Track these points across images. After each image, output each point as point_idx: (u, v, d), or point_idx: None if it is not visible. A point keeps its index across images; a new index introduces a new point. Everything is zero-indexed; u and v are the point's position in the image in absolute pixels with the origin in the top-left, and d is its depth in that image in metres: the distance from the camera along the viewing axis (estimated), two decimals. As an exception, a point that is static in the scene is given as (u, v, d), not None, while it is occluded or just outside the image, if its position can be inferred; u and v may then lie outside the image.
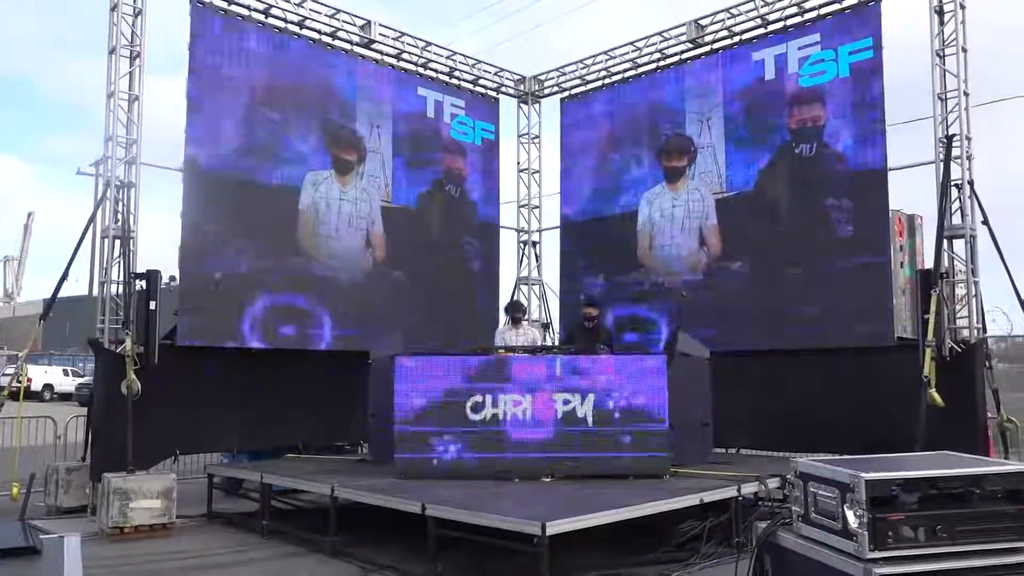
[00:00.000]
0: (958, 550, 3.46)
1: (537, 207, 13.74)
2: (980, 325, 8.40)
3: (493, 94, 13.08)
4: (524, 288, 13.57)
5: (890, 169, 9.18)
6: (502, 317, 12.56)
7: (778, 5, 10.35)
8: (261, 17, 10.14)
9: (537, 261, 13.73)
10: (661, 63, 11.72)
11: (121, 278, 8.67)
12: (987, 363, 8.19)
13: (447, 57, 12.30)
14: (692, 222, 10.98)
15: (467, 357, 8.02)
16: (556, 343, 11.97)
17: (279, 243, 9.99)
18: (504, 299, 12.85)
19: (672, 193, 11.27)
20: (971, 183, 8.51)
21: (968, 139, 8.58)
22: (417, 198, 11.65)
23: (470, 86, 12.68)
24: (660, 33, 11.67)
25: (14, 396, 9.40)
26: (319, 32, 10.76)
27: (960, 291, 8.61)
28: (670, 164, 11.35)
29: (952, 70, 8.65)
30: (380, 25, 11.30)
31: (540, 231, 13.76)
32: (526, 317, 11.28)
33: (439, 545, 6.04)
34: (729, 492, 6.86)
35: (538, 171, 13.74)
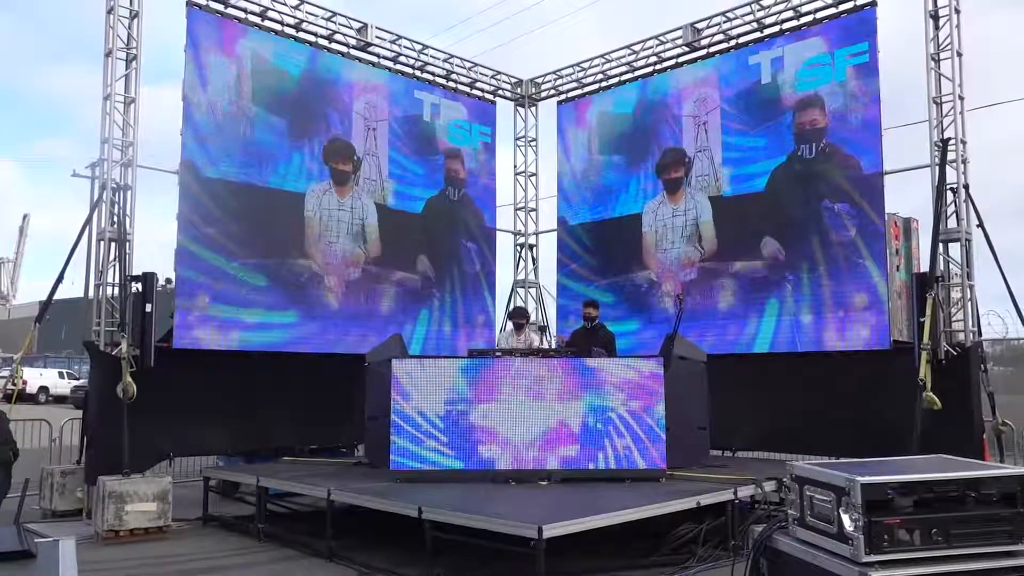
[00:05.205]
0: (953, 553, 3.47)
1: (534, 210, 13.75)
2: (975, 328, 8.42)
3: (490, 97, 13.09)
4: (521, 291, 13.57)
5: (886, 173, 9.21)
6: (499, 321, 12.57)
7: (774, 9, 10.38)
8: (257, 20, 10.13)
9: (534, 264, 13.74)
10: (657, 67, 11.75)
11: (117, 280, 8.65)
12: (982, 366, 8.21)
13: (444, 60, 12.30)
14: (690, 228, 11.00)
15: (464, 360, 8.03)
16: (553, 346, 11.97)
17: (275, 247, 9.97)
18: (502, 302, 12.87)
19: (672, 205, 11.29)
20: (966, 187, 8.52)
21: (963, 143, 8.60)
22: (414, 201, 11.64)
23: (467, 89, 12.69)
24: (656, 36, 11.70)
25: (8, 399, 9.37)
26: (316, 35, 10.75)
27: (955, 294, 8.62)
28: (668, 177, 11.40)
29: (947, 74, 8.68)
30: (377, 28, 11.30)
31: (537, 234, 13.77)
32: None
33: (436, 548, 6.03)
34: (725, 495, 6.85)
35: (535, 174, 13.75)
